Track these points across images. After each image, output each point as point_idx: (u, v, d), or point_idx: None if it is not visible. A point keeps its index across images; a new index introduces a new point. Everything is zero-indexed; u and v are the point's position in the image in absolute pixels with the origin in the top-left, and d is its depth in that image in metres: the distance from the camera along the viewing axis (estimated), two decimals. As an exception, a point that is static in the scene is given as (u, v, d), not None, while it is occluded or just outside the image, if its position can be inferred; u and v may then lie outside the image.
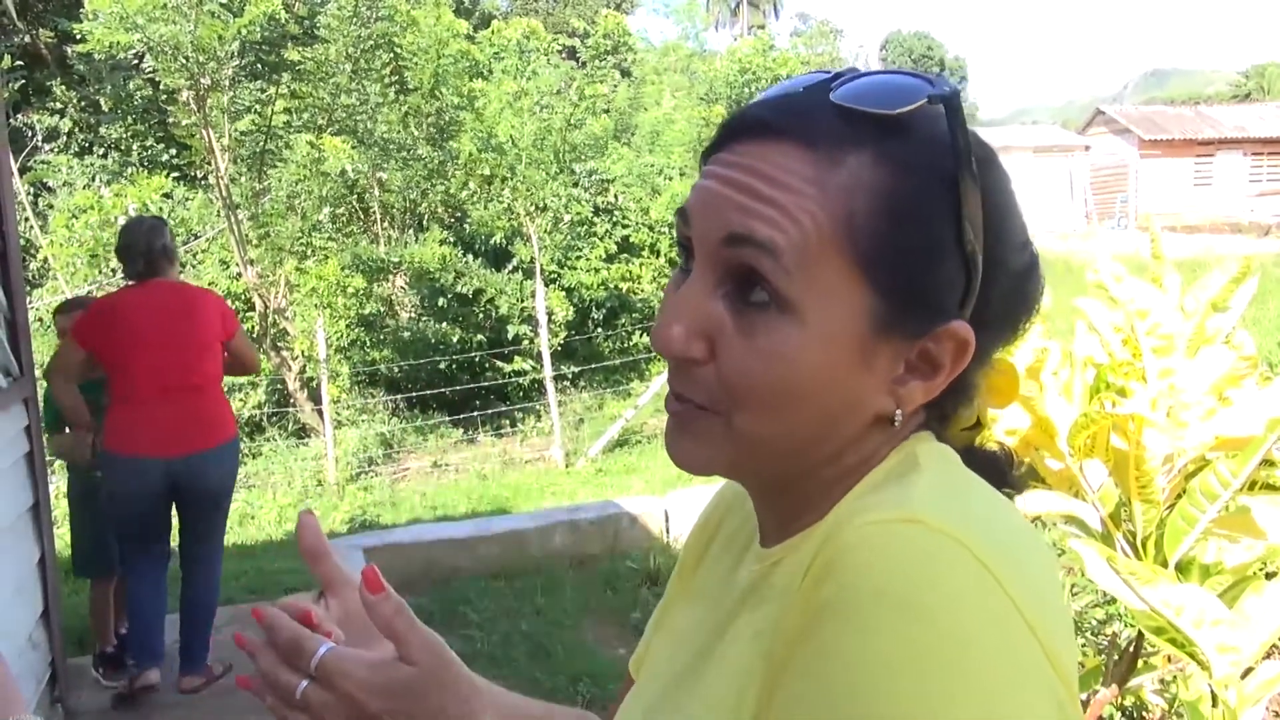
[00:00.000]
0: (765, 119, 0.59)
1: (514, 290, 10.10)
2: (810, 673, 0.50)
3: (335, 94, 8.64)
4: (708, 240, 0.59)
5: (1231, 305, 1.40)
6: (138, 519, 3.56)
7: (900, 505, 0.53)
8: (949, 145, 0.57)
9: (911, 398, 0.60)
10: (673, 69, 17.04)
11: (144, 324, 3.49)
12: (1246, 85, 51.90)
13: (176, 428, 3.50)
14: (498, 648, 4.15)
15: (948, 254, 0.57)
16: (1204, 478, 1.36)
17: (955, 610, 0.48)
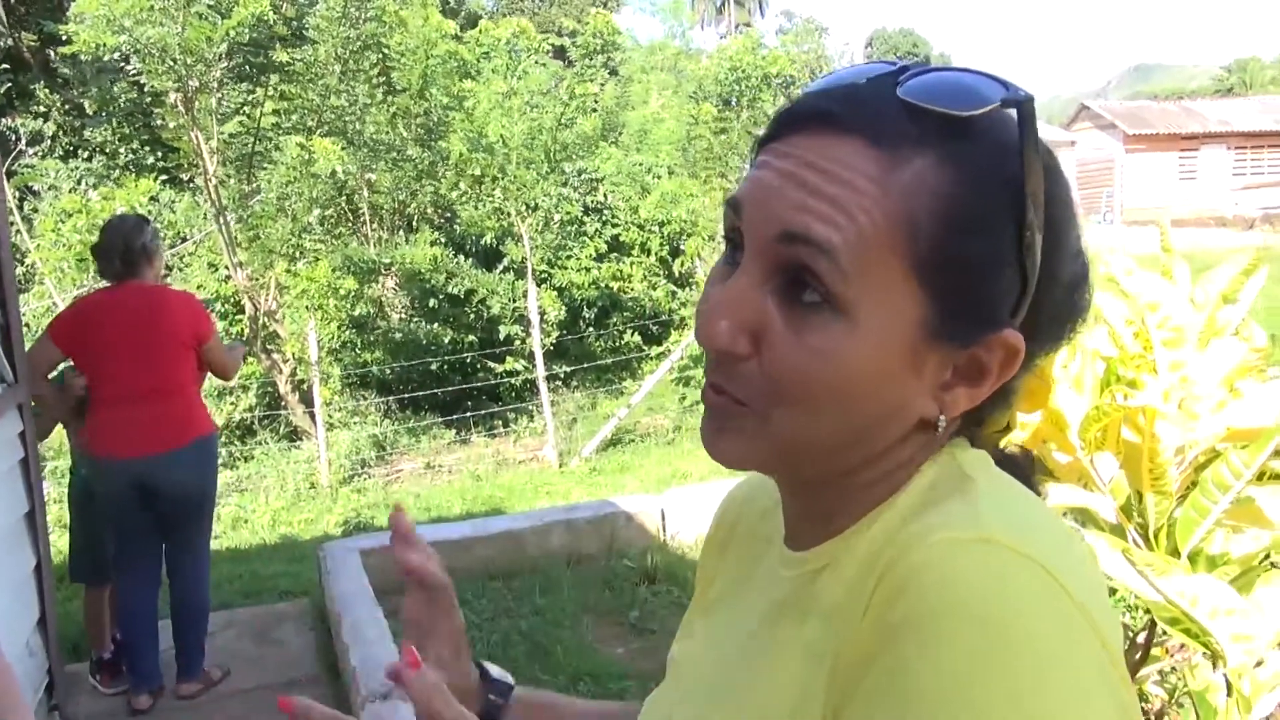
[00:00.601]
0: (828, 110, 0.57)
1: (505, 290, 10.09)
2: (885, 693, 0.49)
3: (324, 95, 8.60)
4: (760, 235, 0.57)
5: (1241, 297, 1.40)
6: (117, 523, 3.58)
7: (969, 523, 0.52)
8: (1018, 152, 0.56)
9: (956, 404, 0.59)
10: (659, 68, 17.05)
11: (115, 328, 3.49)
12: (1229, 80, 52.25)
13: (145, 430, 3.50)
14: (497, 648, 4.13)
15: (1006, 264, 0.56)
16: (1216, 469, 1.36)
17: (1029, 626, 0.48)
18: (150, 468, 3.51)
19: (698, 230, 10.23)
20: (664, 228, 11.04)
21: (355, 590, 4.23)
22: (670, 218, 10.68)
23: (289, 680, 3.90)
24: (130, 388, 3.50)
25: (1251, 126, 26.63)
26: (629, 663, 4.03)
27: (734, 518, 0.82)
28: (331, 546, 4.94)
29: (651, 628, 4.36)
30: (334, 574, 4.49)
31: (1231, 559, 1.74)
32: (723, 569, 0.80)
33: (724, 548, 0.81)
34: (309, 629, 4.50)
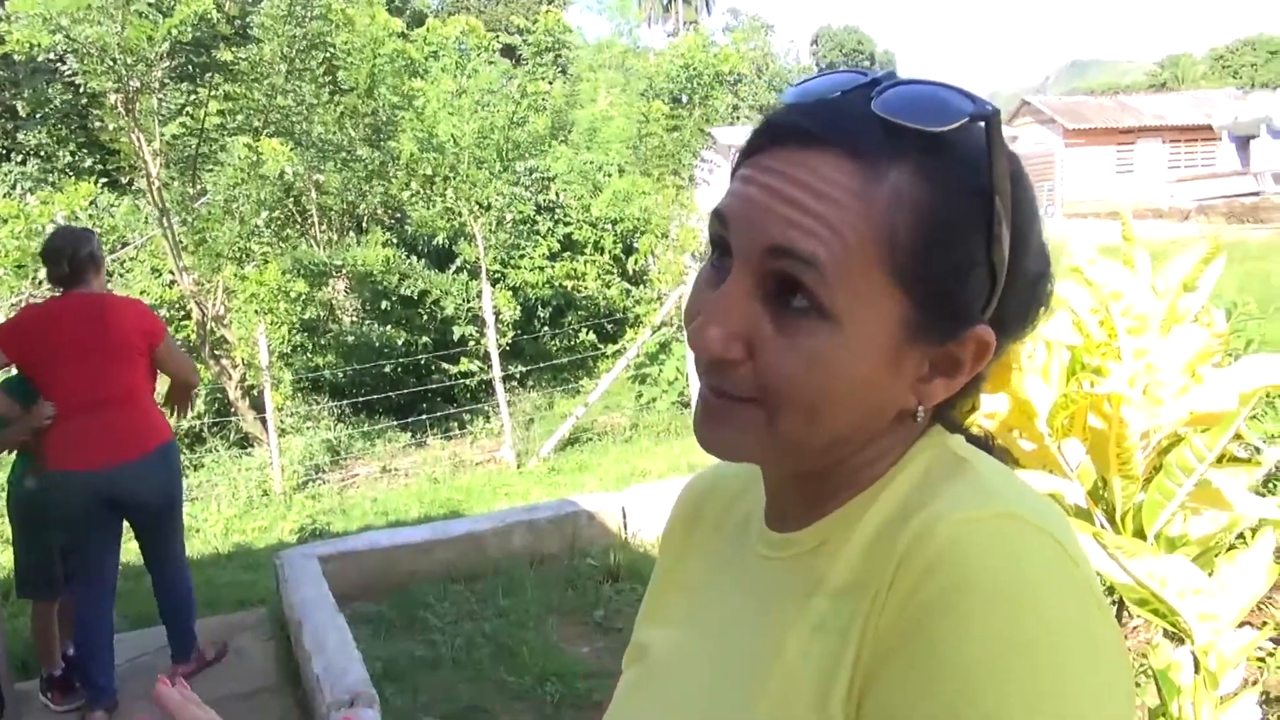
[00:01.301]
0: (807, 127, 0.59)
1: (459, 291, 10.00)
2: (920, 667, 0.52)
3: (270, 95, 8.44)
4: (748, 248, 0.60)
5: (1200, 285, 1.44)
6: (75, 536, 3.53)
7: (984, 500, 0.56)
8: (987, 163, 0.59)
9: (933, 395, 0.63)
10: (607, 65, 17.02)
11: (62, 338, 3.42)
12: (1162, 75, 53.71)
13: (103, 441, 3.44)
14: (461, 651, 4.10)
15: (978, 266, 0.60)
16: (1179, 452, 1.40)
17: (1053, 598, 0.52)
18: (115, 479, 3.45)
19: (651, 228, 10.24)
20: (617, 226, 11.03)
21: (315, 597, 4.17)
22: (623, 216, 10.67)
23: (251, 690, 3.84)
24: (84, 398, 3.43)
25: (1185, 120, 27.38)
26: (595, 661, 4.03)
27: (698, 504, 0.84)
28: (288, 554, 4.86)
29: (617, 626, 4.35)
30: (292, 581, 4.42)
31: (1190, 540, 1.79)
32: (690, 554, 0.81)
33: (690, 533, 0.83)
34: (268, 638, 4.42)
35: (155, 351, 3.61)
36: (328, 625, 3.82)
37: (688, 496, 0.86)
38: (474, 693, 3.72)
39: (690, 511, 0.84)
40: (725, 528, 0.79)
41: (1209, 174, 23.85)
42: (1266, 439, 3.01)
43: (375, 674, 3.53)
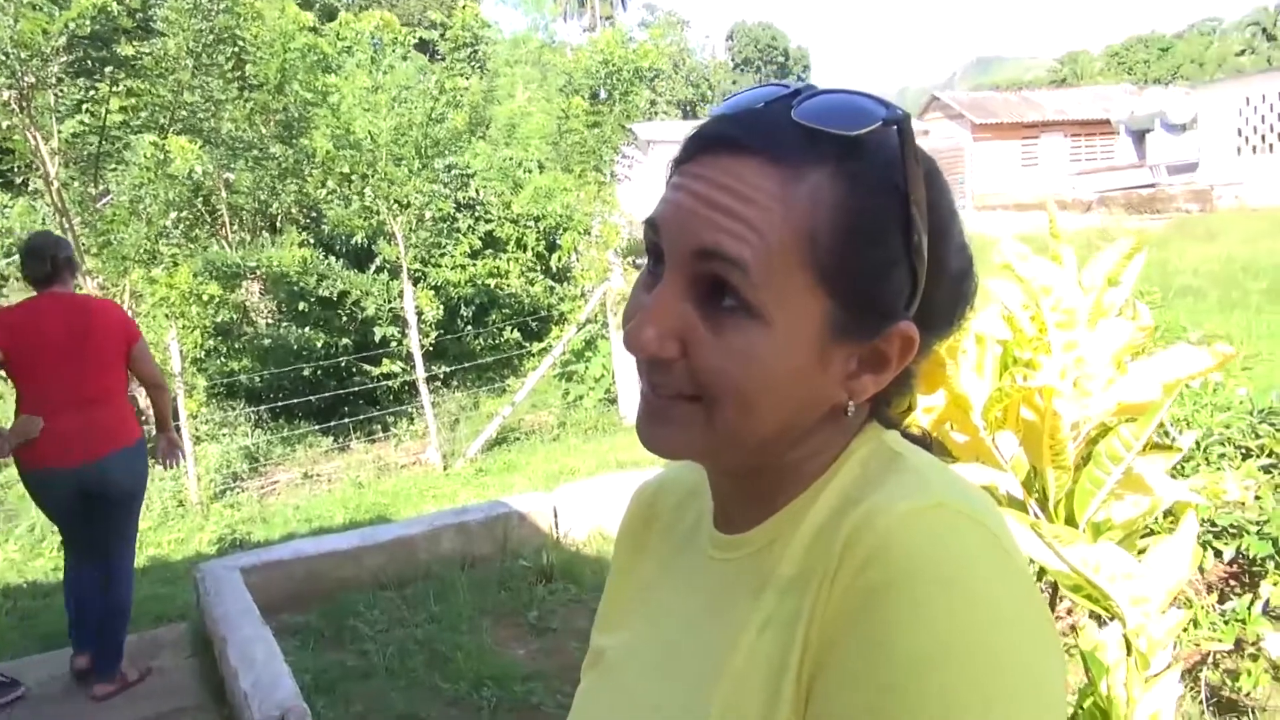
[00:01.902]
0: (733, 135, 0.62)
1: (380, 291, 9.81)
2: (865, 652, 0.54)
3: (177, 91, 8.12)
4: (679, 252, 0.63)
5: (1124, 279, 1.49)
6: (65, 526, 3.78)
7: (920, 492, 0.59)
8: (900, 164, 0.62)
9: (863, 390, 0.65)
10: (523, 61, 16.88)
11: (47, 335, 3.54)
12: (1062, 71, 55.72)
13: (80, 438, 3.56)
14: (394, 659, 4.02)
15: (898, 264, 0.62)
16: (1109, 442, 1.45)
17: (989, 584, 0.55)
18: (90, 473, 3.59)
19: (574, 224, 10.19)
20: (539, 222, 10.95)
21: (239, 610, 4.05)
22: (546, 212, 10.60)
23: (173, 709, 3.70)
24: (68, 395, 3.55)
25: (1084, 115, 28.42)
26: (531, 663, 3.99)
27: (649, 508, 0.86)
28: (209, 566, 4.70)
29: (551, 626, 4.33)
30: (214, 595, 4.28)
31: (1114, 524, 1.85)
32: (643, 558, 0.83)
33: (642, 538, 0.85)
34: (189, 654, 4.28)
35: (132, 351, 3.74)
36: (254, 639, 3.71)
37: (638, 501, 0.87)
38: (409, 701, 3.65)
39: (642, 516, 0.85)
40: (676, 531, 0.80)
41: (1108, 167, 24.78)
42: (1176, 423, 3.15)
43: (306, 687, 3.45)
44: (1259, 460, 3.20)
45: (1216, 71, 45.84)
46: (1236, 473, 2.97)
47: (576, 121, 9.42)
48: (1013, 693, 0.52)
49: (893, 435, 0.68)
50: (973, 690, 0.51)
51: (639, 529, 0.85)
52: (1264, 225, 12.99)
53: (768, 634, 0.62)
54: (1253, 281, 10.40)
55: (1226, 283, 10.47)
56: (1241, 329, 7.86)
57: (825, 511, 0.64)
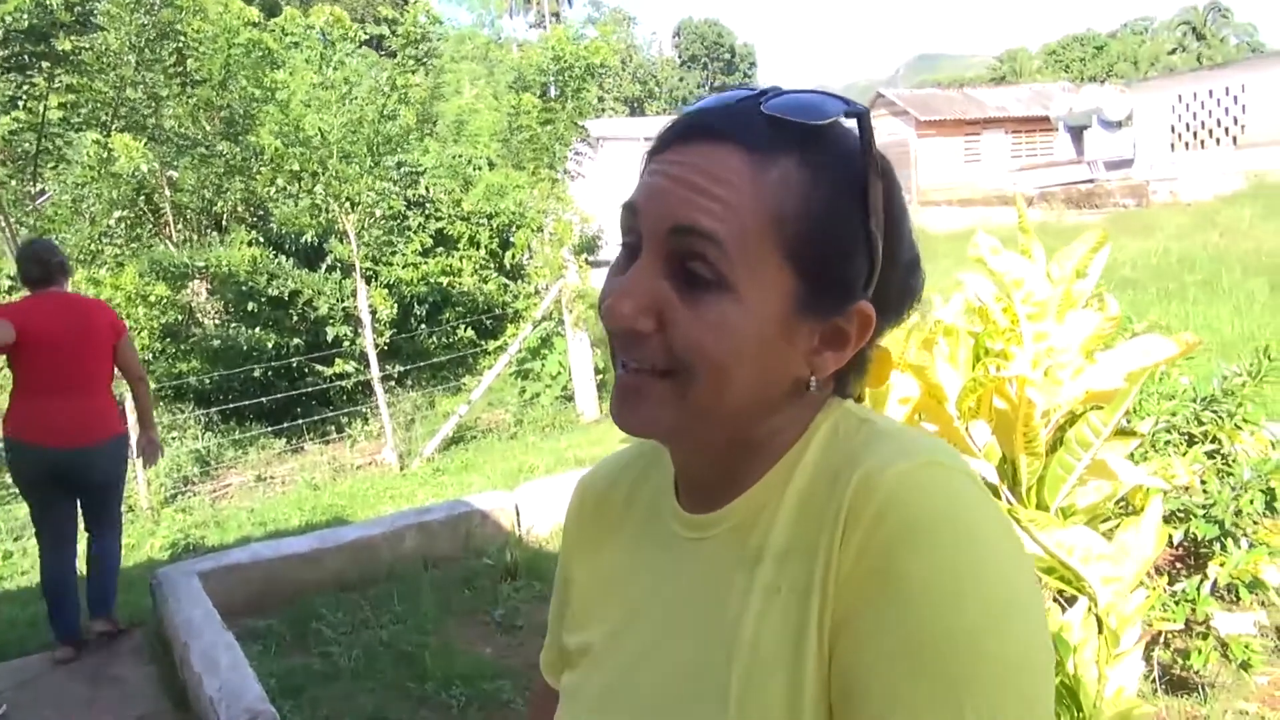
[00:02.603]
0: (709, 124, 0.67)
1: (332, 290, 9.68)
2: (892, 599, 0.59)
3: (119, 87, 7.91)
4: (655, 230, 0.67)
5: (1090, 272, 1.55)
6: (37, 500, 4.10)
7: (911, 453, 0.64)
8: (860, 154, 0.67)
9: (825, 366, 0.70)
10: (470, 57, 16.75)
11: (46, 327, 3.91)
12: (1002, 69, 56.79)
13: (65, 422, 3.93)
14: (360, 661, 3.99)
15: (858, 247, 0.68)
16: (1078, 429, 1.50)
17: (989, 527, 0.61)
18: (70, 459, 3.95)
19: (527, 222, 10.15)
20: (492, 220, 10.89)
21: (200, 615, 3.99)
22: (498, 210, 10.54)
23: (135, 717, 3.63)
24: (57, 381, 3.92)
25: (1024, 112, 29.00)
26: (499, 661, 3.99)
27: (600, 500, 0.87)
28: (166, 572, 4.62)
29: (517, 624, 4.33)
30: (172, 601, 4.21)
31: (1078, 509, 1.92)
32: (603, 552, 0.84)
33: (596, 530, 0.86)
34: (147, 662, 4.20)
35: (118, 345, 4.11)
36: (217, 644, 3.66)
37: (586, 496, 0.89)
38: (377, 702, 3.63)
39: (592, 508, 0.87)
40: (633, 518, 0.83)
41: (1048, 163, 25.31)
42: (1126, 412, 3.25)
43: (271, 691, 3.41)
44: (1203, 446, 3.32)
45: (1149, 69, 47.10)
46: (1184, 459, 3.08)
47: (529, 118, 9.38)
48: (1022, 614, 0.59)
49: (860, 408, 0.73)
50: (991, 617, 0.58)
51: (591, 523, 0.86)
52: (1196, 219, 13.41)
53: (775, 601, 0.65)
54: (1188, 274, 10.73)
55: (1164, 275, 10.79)
56: (1179, 320, 8.12)
57: (806, 480, 0.68)
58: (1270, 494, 3.05)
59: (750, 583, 0.67)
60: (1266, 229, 12.21)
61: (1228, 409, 3.34)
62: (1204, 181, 15.90)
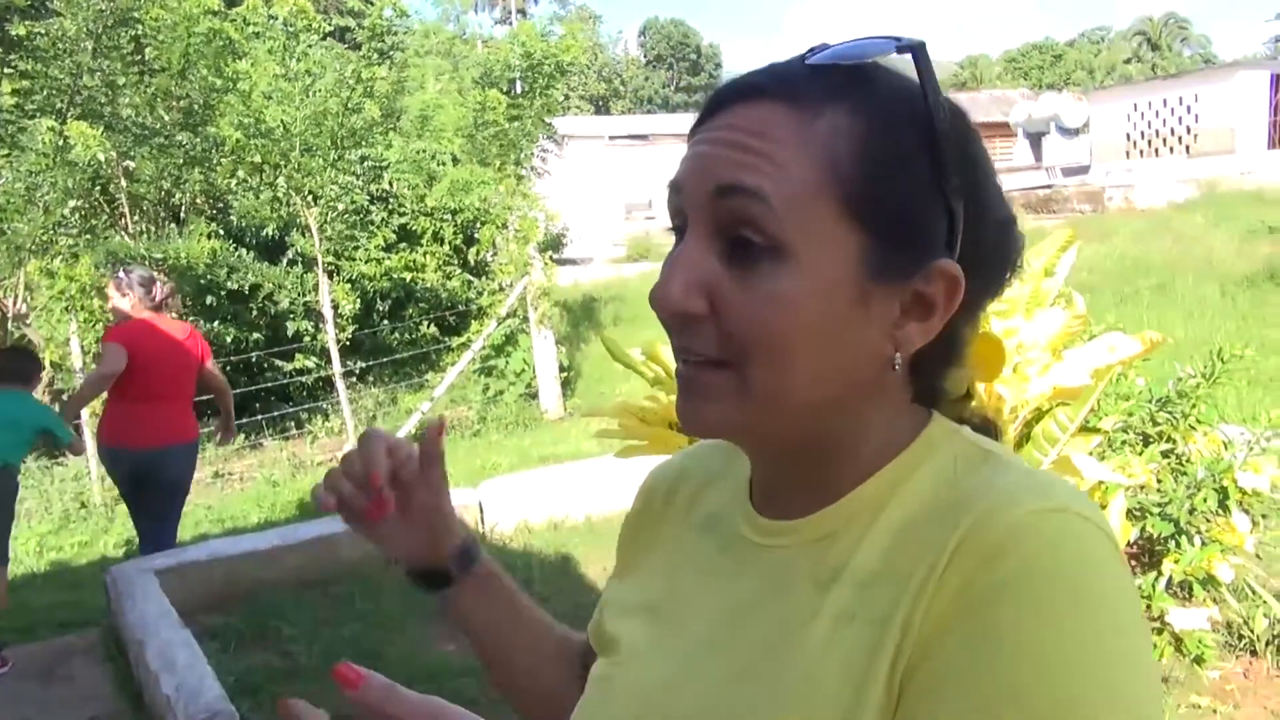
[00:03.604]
0: (748, 84, 0.62)
1: (293, 284, 9.55)
2: (983, 648, 0.52)
3: (76, 74, 7.74)
4: (698, 197, 0.61)
5: (1058, 271, 1.57)
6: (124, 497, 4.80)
7: (1044, 496, 0.56)
8: (921, 93, 0.60)
9: (910, 340, 0.62)
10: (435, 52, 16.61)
11: (152, 344, 4.51)
12: (963, 74, 57.58)
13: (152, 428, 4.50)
14: (321, 659, 3.95)
15: (928, 192, 0.60)
16: (1045, 425, 1.53)
17: (1111, 591, 0.53)
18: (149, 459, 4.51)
19: (491, 218, 10.10)
20: (457, 216, 10.81)
21: (156, 613, 3.92)
22: (463, 206, 10.47)
23: (89, 717, 3.56)
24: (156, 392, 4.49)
25: (984, 118, 29.36)
26: (464, 659, 3.97)
27: (668, 493, 0.83)
28: (121, 569, 4.53)
29: (481, 621, 4.31)
30: (128, 598, 4.14)
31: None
32: (659, 545, 0.80)
33: (657, 524, 0.82)
34: (102, 661, 4.13)
35: (204, 367, 4.79)
36: (174, 642, 3.60)
37: (655, 485, 0.85)
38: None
39: (660, 500, 0.83)
40: (697, 515, 0.78)
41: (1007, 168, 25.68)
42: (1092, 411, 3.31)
43: (229, 690, 3.36)
44: (1159, 446, 3.39)
45: (1106, 78, 48.02)
46: (1140, 458, 3.14)
47: (495, 114, 9.32)
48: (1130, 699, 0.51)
49: (970, 433, 0.66)
50: (1105, 693, 0.50)
51: (656, 514, 0.83)
52: (1151, 225, 13.69)
53: (849, 629, 0.58)
54: (1143, 278, 10.96)
55: (1119, 279, 11.00)
56: (1134, 323, 8.28)
57: (913, 507, 0.61)
58: (1223, 493, 3.12)
59: (820, 604, 0.61)
60: (1218, 235, 12.50)
61: (1182, 410, 3.41)
62: (1158, 188, 16.24)
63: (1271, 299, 9.67)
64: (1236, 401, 6.41)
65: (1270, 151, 18.34)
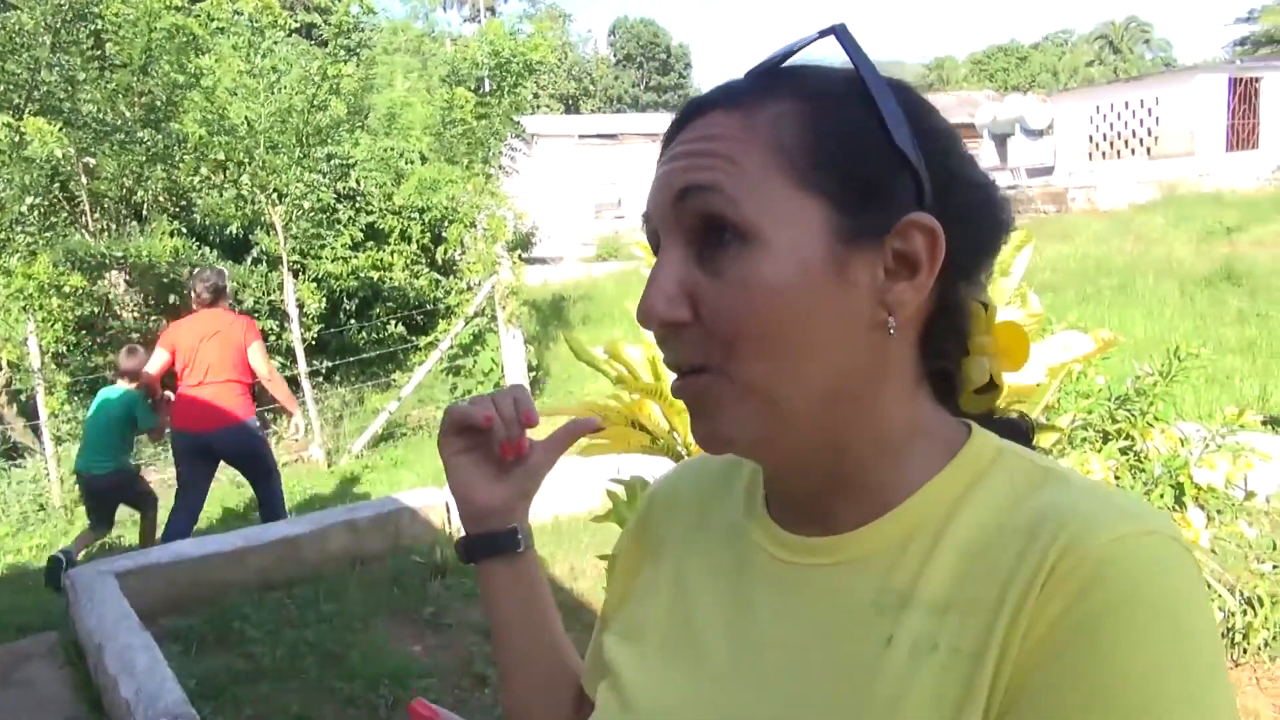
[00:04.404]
0: (697, 101, 0.65)
1: (258, 283, 9.45)
2: (1086, 678, 0.52)
3: (34, 69, 7.60)
4: (664, 210, 0.63)
5: (1013, 270, 1.59)
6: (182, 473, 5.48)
7: (1132, 518, 0.55)
8: (853, 66, 0.63)
9: (902, 300, 0.60)
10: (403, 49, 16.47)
11: (199, 337, 5.18)
12: (930, 76, 58.11)
13: (208, 412, 5.18)
14: (285, 661, 3.91)
15: (882, 152, 0.60)
16: (1001, 422, 1.55)
17: (1201, 614, 0.54)
18: (210, 440, 5.26)
19: (460, 217, 10.04)
20: (424, 214, 10.74)
21: (116, 616, 3.87)
22: (431, 204, 10.41)
23: (46, 724, 3.51)
24: (205, 380, 5.16)
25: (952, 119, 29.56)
26: (428, 660, 3.95)
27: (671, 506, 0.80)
28: (79, 571, 4.46)
29: (447, 622, 4.29)
30: (87, 601, 4.08)
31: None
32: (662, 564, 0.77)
33: (656, 539, 0.79)
34: (61, 665, 4.06)
35: (250, 350, 5.31)
36: (133, 645, 3.55)
37: (654, 499, 0.83)
38: (303, 702, 3.56)
39: (659, 519, 0.81)
40: (706, 533, 0.75)
41: (973, 168, 25.96)
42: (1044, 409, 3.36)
43: (191, 693, 3.32)
44: (1117, 443, 3.45)
45: (1069, 80, 48.66)
46: (1099, 455, 3.19)
47: (463, 112, 9.28)
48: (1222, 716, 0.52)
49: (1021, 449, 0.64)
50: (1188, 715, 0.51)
51: (654, 531, 0.80)
52: (1112, 226, 13.91)
53: (930, 660, 0.56)
54: (1104, 278, 11.13)
55: (1081, 279, 11.17)
56: (1096, 321, 8.41)
57: (977, 529, 0.59)
58: (1179, 489, 3.18)
59: (890, 631, 0.58)
60: (1177, 236, 12.73)
61: (1140, 407, 3.47)
62: (1120, 190, 16.50)
63: (1228, 298, 9.87)
64: (1194, 399, 6.53)
65: (1228, 154, 18.69)
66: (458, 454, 0.83)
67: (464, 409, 0.80)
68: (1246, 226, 12.46)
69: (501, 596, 0.86)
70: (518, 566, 0.85)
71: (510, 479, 0.84)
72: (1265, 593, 3.33)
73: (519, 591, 0.86)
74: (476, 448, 0.83)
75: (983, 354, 0.67)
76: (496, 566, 0.85)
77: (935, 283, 0.61)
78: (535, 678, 0.87)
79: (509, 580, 0.85)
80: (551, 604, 0.89)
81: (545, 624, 0.88)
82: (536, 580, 0.87)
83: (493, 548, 0.84)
